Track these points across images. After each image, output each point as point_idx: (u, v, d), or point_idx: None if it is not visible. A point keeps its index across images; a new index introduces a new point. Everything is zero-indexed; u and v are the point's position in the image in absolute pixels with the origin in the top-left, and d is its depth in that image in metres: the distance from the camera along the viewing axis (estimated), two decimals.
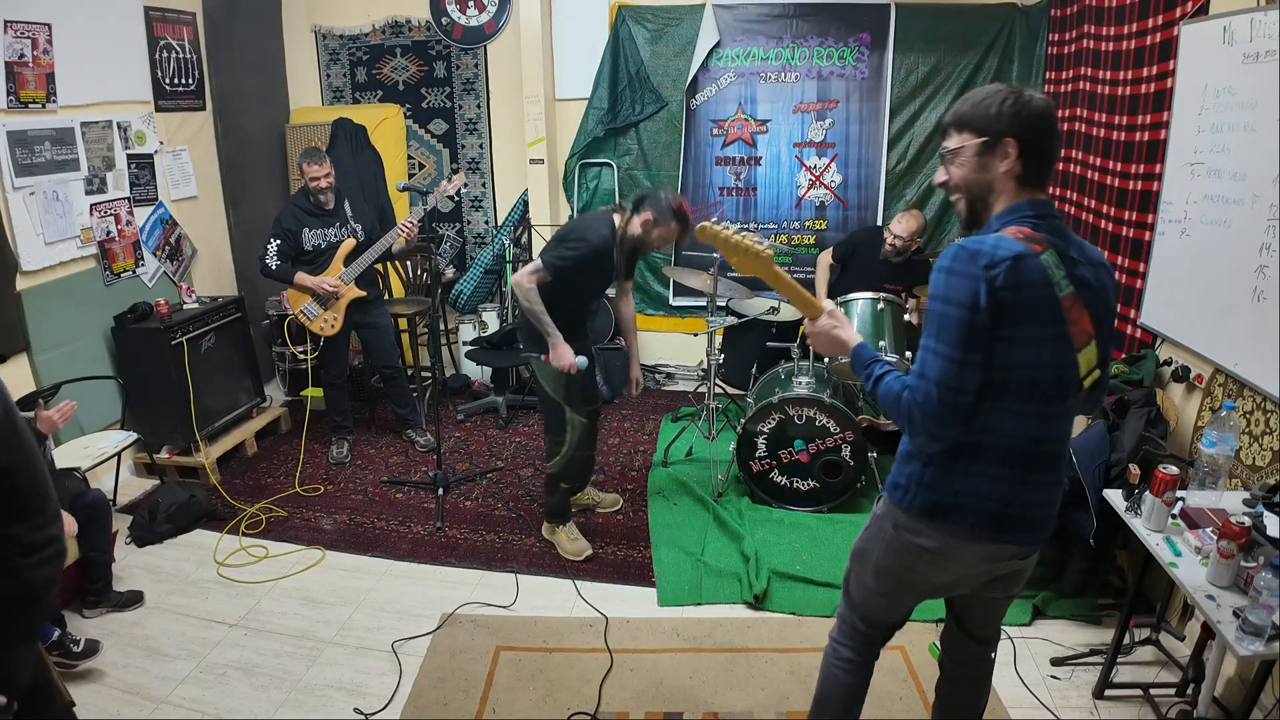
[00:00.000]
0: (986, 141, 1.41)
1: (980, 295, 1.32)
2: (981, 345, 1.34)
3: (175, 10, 4.09)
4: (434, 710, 2.33)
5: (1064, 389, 1.42)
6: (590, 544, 3.15)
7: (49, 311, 3.39)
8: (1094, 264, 1.45)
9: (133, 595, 2.83)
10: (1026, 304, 1.34)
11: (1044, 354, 1.38)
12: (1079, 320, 1.39)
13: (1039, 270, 1.35)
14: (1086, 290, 1.40)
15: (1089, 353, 1.42)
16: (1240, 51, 2.37)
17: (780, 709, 2.33)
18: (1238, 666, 2.15)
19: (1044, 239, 1.38)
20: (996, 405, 1.40)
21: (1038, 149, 1.40)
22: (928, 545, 1.52)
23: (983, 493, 1.46)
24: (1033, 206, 1.42)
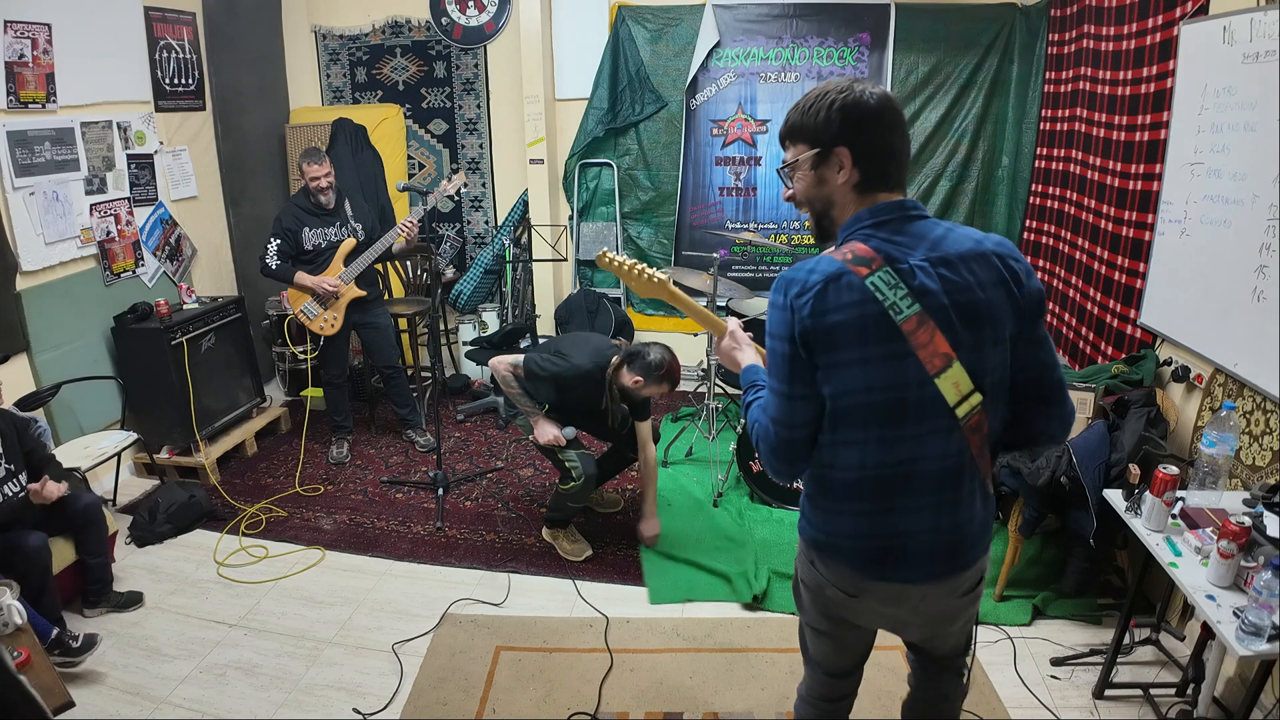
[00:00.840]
0: (819, 153, 1.30)
1: (792, 327, 1.26)
2: (804, 378, 1.27)
3: (175, 10, 4.09)
4: (434, 710, 2.33)
5: (915, 413, 1.27)
6: (590, 545, 3.15)
7: (49, 311, 3.39)
8: (962, 259, 1.26)
9: (132, 596, 2.83)
10: (840, 327, 1.23)
11: (873, 376, 1.25)
12: (929, 342, 1.23)
13: (855, 290, 1.23)
14: (936, 300, 1.23)
15: (952, 376, 1.24)
16: (1240, 51, 2.37)
17: (780, 709, 2.33)
18: (1238, 666, 2.15)
19: (877, 252, 1.25)
20: (833, 438, 1.31)
21: (875, 151, 1.28)
22: (829, 578, 1.42)
23: (847, 531, 1.37)
24: (872, 214, 1.29)
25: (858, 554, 1.37)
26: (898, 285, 1.23)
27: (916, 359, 1.24)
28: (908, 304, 1.23)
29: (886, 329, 1.23)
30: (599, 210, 5.04)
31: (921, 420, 1.27)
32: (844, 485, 1.34)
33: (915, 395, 1.26)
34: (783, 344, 1.28)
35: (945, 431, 1.28)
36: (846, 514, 1.36)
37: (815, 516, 1.42)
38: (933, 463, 1.30)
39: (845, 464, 1.32)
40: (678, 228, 4.93)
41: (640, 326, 5.12)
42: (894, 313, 1.22)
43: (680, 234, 4.95)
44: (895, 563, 1.35)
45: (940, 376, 1.24)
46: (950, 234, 1.29)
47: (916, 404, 1.26)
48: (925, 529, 1.33)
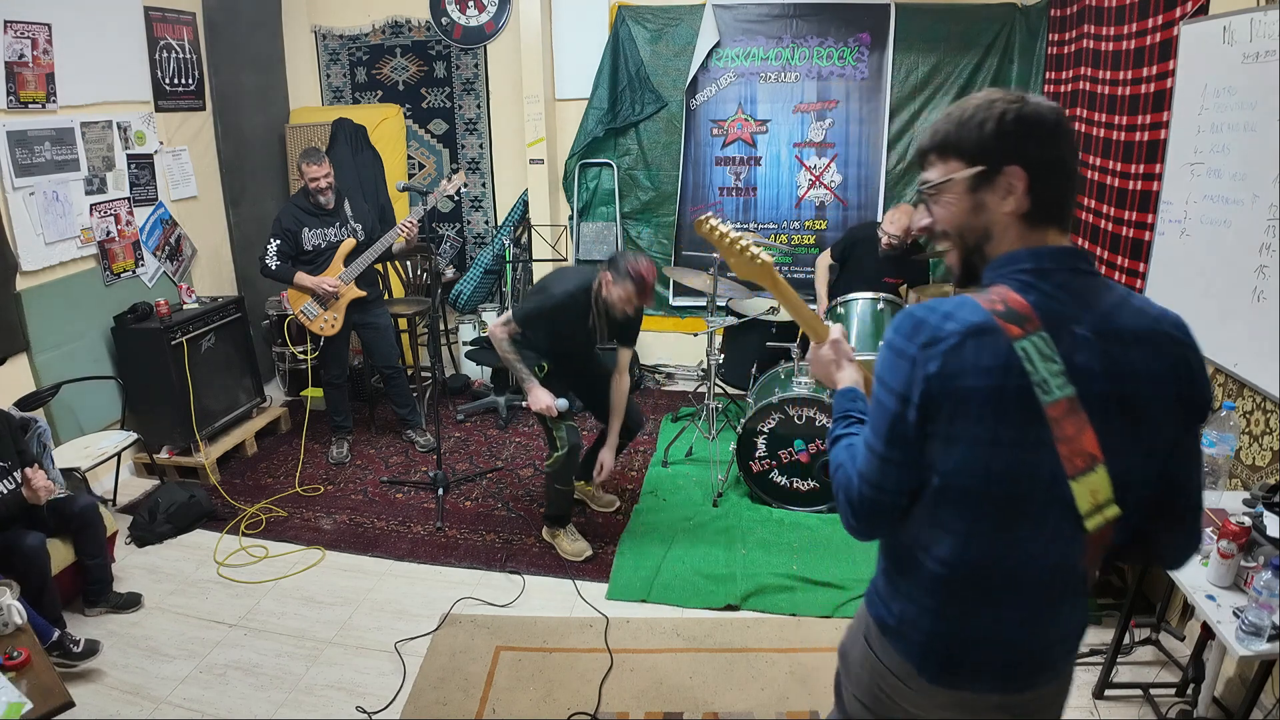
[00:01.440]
0: (982, 172, 1.04)
1: (911, 384, 1.02)
2: (907, 444, 1.05)
3: (175, 10, 4.09)
4: (434, 710, 2.33)
5: (1036, 516, 1.04)
6: (590, 544, 3.15)
7: (49, 311, 3.39)
8: (1136, 339, 1.01)
9: (131, 597, 2.83)
10: (972, 396, 1.00)
11: (997, 463, 1.02)
12: (1075, 436, 0.99)
13: (1001, 355, 0.99)
14: (1096, 387, 1.00)
15: (1092, 482, 1.00)
16: (1240, 51, 2.37)
17: (780, 709, 2.32)
18: (1238, 666, 2.15)
19: (1035, 309, 1.00)
20: (931, 517, 1.09)
21: (1053, 175, 1.03)
22: (890, 665, 1.19)
23: (923, 625, 1.14)
24: (1034, 257, 1.04)
25: (928, 655, 1.15)
26: (1053, 358, 0.99)
27: (1055, 453, 1.00)
28: (1060, 384, 0.99)
29: (1028, 409, 0.99)
30: (599, 210, 5.04)
31: (1041, 525, 1.04)
32: (931, 576, 1.11)
33: (1042, 496, 1.02)
34: (892, 399, 1.05)
35: (1065, 540, 1.05)
36: (926, 609, 1.14)
37: (889, 595, 1.20)
38: (1041, 574, 1.08)
39: (938, 553, 1.10)
40: (678, 228, 4.93)
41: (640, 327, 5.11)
42: (1041, 391, 0.98)
43: (680, 234, 4.95)
44: (967, 674, 1.14)
45: (1078, 479, 1.00)
46: (1125, 304, 1.04)
47: (1040, 505, 1.03)
48: (1007, 641, 1.12)
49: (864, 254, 3.98)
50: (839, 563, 3.01)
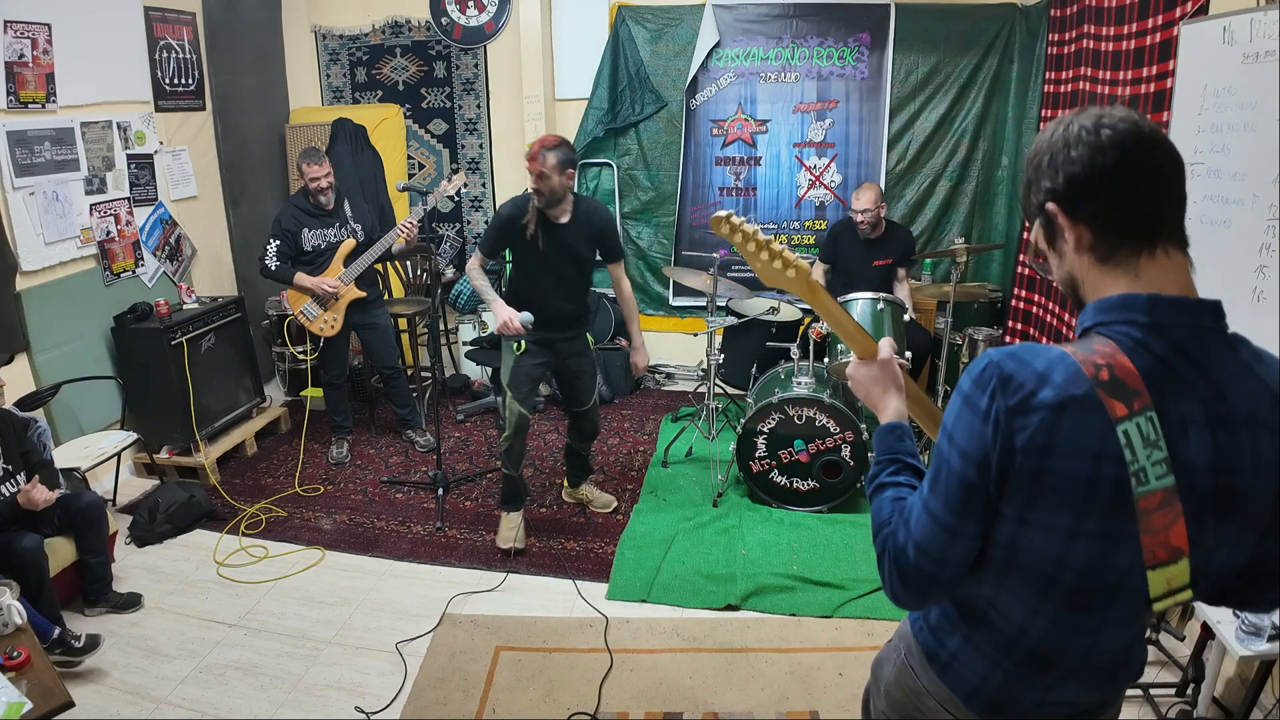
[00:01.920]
0: (1041, 224, 0.96)
1: (991, 451, 0.89)
2: (979, 516, 0.94)
3: (175, 10, 4.09)
4: (434, 710, 2.33)
5: (1107, 602, 0.95)
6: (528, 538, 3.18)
7: (49, 311, 3.39)
8: (1250, 424, 0.88)
9: (131, 597, 2.83)
10: (1056, 477, 0.87)
11: (1075, 554, 0.91)
12: (1163, 529, 0.87)
13: (1100, 437, 0.85)
14: (1196, 480, 0.87)
15: (1171, 572, 0.89)
16: (1240, 51, 2.37)
17: (780, 709, 2.33)
18: (1238, 666, 2.15)
19: (1147, 379, 0.86)
20: (999, 584, 0.99)
21: (1109, 201, 0.90)
22: (931, 690, 1.13)
23: (977, 669, 1.07)
24: (1151, 307, 0.88)
25: (977, 691, 1.08)
26: (1157, 444, 0.86)
27: (1138, 544, 0.88)
28: (1159, 473, 0.86)
29: (1119, 503, 0.87)
30: None
31: (1110, 609, 0.96)
32: (996, 632, 1.03)
33: (1114, 582, 0.92)
34: (967, 465, 0.92)
35: (1132, 622, 0.99)
36: (981, 654, 1.05)
37: (943, 629, 1.11)
38: (1105, 656, 1.01)
39: (1005, 615, 1.01)
40: (678, 228, 4.94)
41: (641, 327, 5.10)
42: (1137, 481, 0.86)
43: (680, 234, 4.95)
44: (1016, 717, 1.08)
45: (1157, 569, 0.89)
46: (1246, 376, 0.90)
47: (1112, 591, 0.93)
48: (1064, 703, 1.06)
49: (848, 246, 4.02)
50: (839, 563, 3.01)
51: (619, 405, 4.70)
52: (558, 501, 3.57)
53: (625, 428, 4.39)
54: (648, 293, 5.12)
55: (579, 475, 3.49)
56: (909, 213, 4.68)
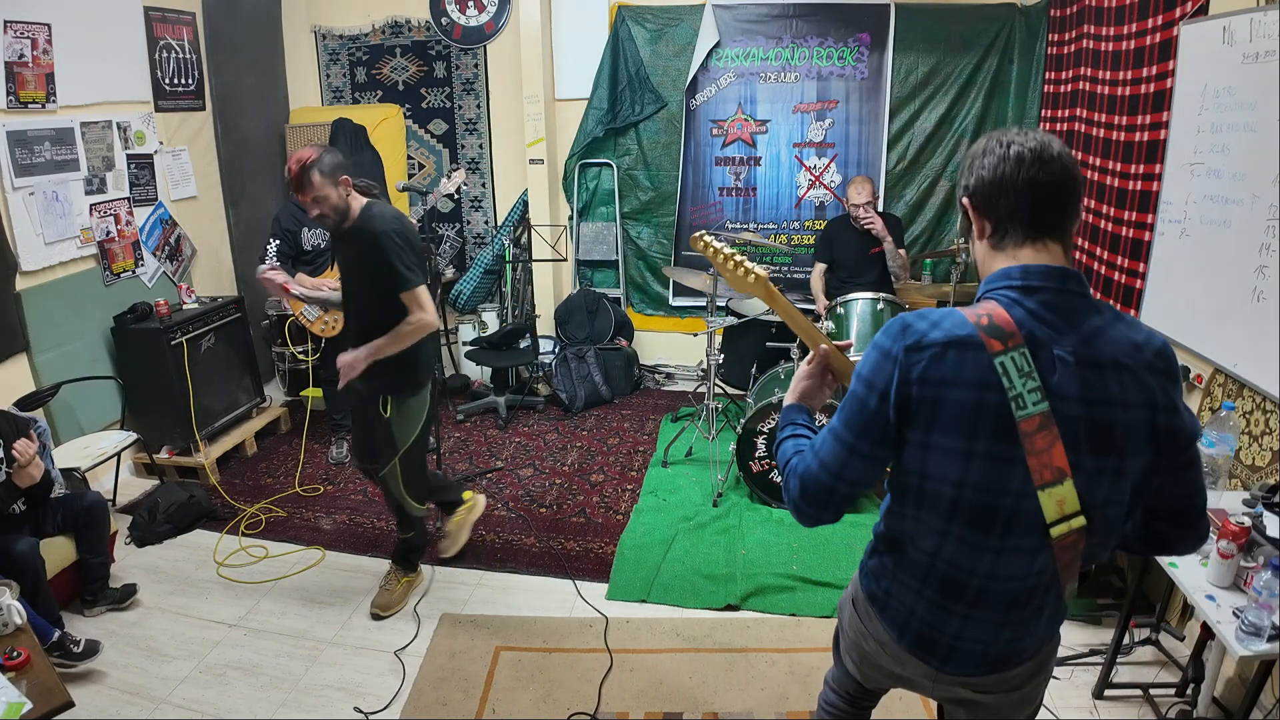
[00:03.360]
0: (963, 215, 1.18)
1: (891, 382, 1.09)
2: (878, 439, 1.12)
3: (175, 10, 4.09)
4: (434, 710, 2.33)
5: (1005, 524, 1.10)
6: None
7: (49, 311, 3.39)
8: (1115, 366, 1.06)
9: (127, 590, 2.83)
10: (947, 404, 1.06)
11: (971, 474, 1.08)
12: (1045, 449, 1.04)
13: (980, 368, 1.04)
14: (1069, 408, 1.05)
15: (1060, 493, 1.06)
16: (1240, 52, 2.37)
17: (780, 709, 2.32)
18: (1237, 667, 2.15)
19: (1020, 325, 1.06)
20: (915, 514, 1.17)
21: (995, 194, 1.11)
22: (872, 632, 1.32)
23: (905, 603, 1.25)
24: (1025, 274, 1.09)
25: (907, 626, 1.26)
26: (1030, 374, 1.04)
27: (1025, 466, 1.06)
28: (1035, 399, 1.04)
29: (1002, 426, 1.05)
30: (599, 210, 5.04)
31: (1009, 534, 1.11)
32: (914, 563, 1.21)
33: (1011, 505, 1.09)
34: (871, 395, 1.11)
35: (1032, 551, 1.12)
36: (910, 589, 1.24)
37: (878, 571, 1.30)
38: (1011, 583, 1.15)
39: (921, 544, 1.19)
40: (677, 228, 4.93)
41: (640, 327, 5.12)
42: (1016, 406, 1.04)
43: (680, 234, 4.94)
44: (941, 655, 1.24)
45: (1045, 490, 1.06)
46: (1109, 329, 1.08)
47: (1009, 514, 1.09)
48: (980, 639, 1.20)
49: (844, 241, 4.04)
50: (839, 563, 3.01)
51: (619, 405, 4.70)
52: (558, 501, 3.58)
53: (625, 428, 4.39)
54: (647, 293, 5.12)
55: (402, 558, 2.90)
56: (909, 213, 4.68)
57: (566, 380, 4.62)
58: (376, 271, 2.43)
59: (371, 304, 2.51)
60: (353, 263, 2.53)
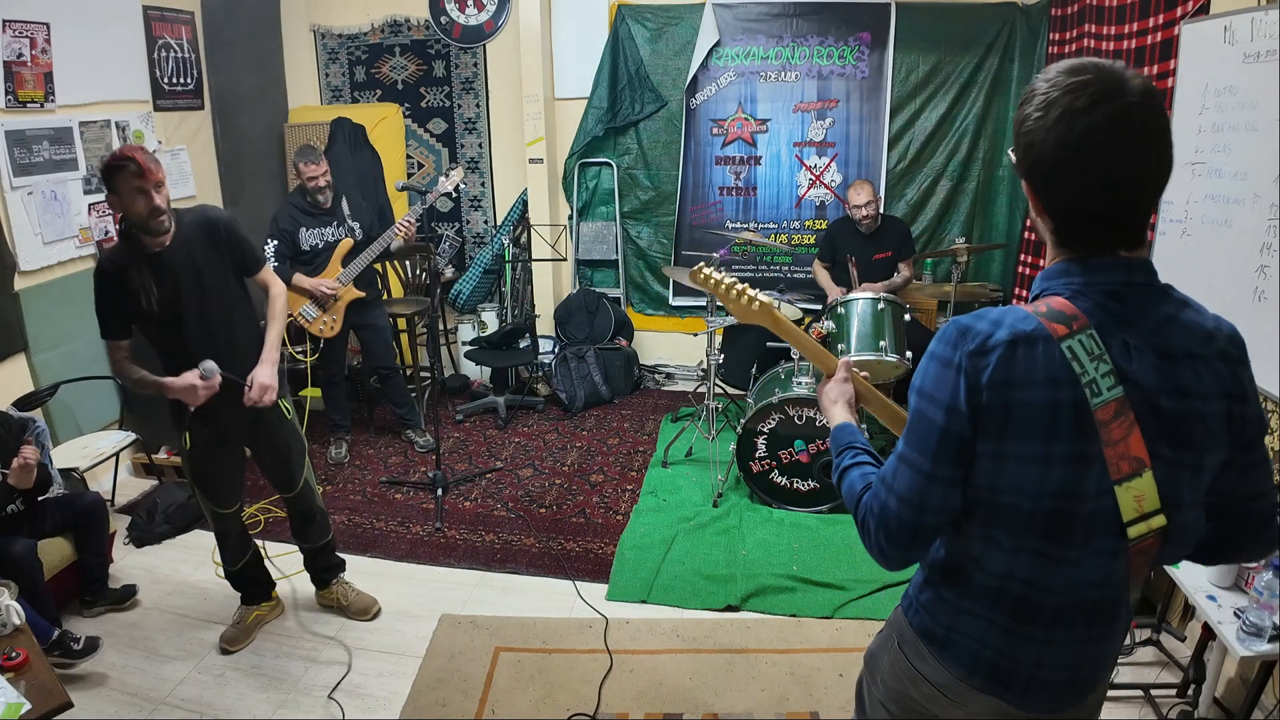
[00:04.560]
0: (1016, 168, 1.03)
1: (960, 393, 0.98)
2: (956, 459, 1.00)
3: (174, 9, 4.08)
4: (433, 711, 2.32)
5: (1084, 530, 1.00)
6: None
7: (47, 311, 3.39)
8: (1188, 357, 0.98)
9: (126, 590, 2.83)
10: (1019, 408, 0.96)
11: (1046, 480, 0.98)
12: (1122, 439, 0.96)
13: (1051, 362, 0.95)
14: (1146, 394, 0.96)
15: (1138, 487, 0.97)
16: (1241, 51, 2.36)
17: (780, 710, 2.32)
18: (1238, 667, 2.14)
19: (1086, 312, 0.97)
20: (984, 533, 1.05)
21: (1057, 180, 0.96)
22: (926, 674, 1.17)
23: (973, 634, 1.11)
24: (1085, 270, 0.99)
25: (979, 661, 1.11)
26: (1102, 357, 0.95)
27: (1103, 461, 0.96)
28: (1109, 384, 0.95)
29: (1080, 421, 0.96)
30: (598, 210, 5.04)
31: (1088, 540, 1.01)
32: (984, 588, 1.09)
33: (1089, 507, 0.99)
34: (940, 413, 1.00)
35: (1110, 555, 1.02)
36: (979, 617, 1.10)
37: (935, 605, 1.16)
38: (1090, 592, 1.05)
39: (990, 569, 1.07)
40: (677, 227, 4.93)
41: (640, 327, 5.12)
42: (1091, 392, 0.95)
43: (680, 234, 4.94)
44: (1018, 688, 1.10)
45: (1123, 484, 0.97)
46: (1179, 316, 1.00)
47: (1088, 518, 0.99)
48: (1064, 665, 1.09)
49: (847, 243, 4.03)
50: (839, 563, 3.00)
51: (619, 405, 4.70)
52: (557, 502, 3.57)
53: (625, 428, 4.38)
54: (647, 292, 5.12)
55: (323, 574, 2.78)
56: (910, 212, 4.67)
57: (566, 380, 4.62)
58: (227, 262, 2.32)
59: (231, 303, 2.35)
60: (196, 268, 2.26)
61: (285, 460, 2.53)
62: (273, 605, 2.77)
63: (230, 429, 2.41)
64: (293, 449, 2.53)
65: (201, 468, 2.43)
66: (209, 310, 2.30)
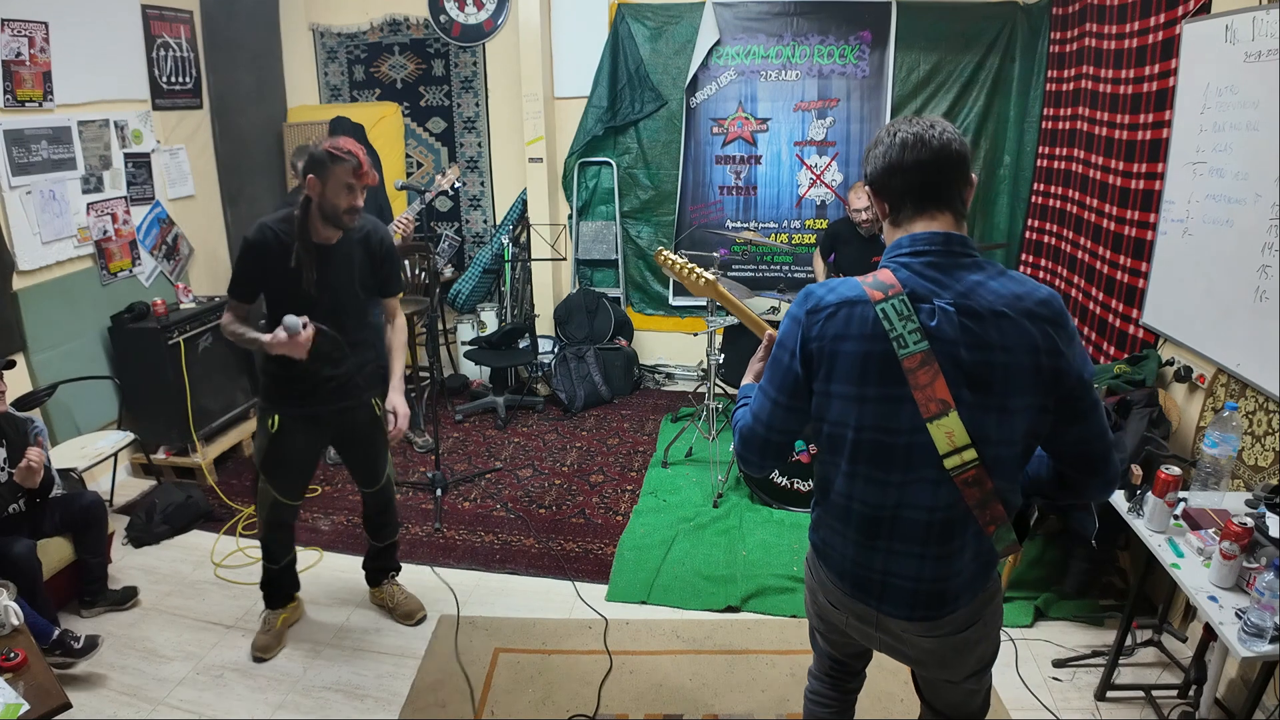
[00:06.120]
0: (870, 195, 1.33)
1: (797, 342, 1.26)
2: (793, 391, 1.29)
3: (173, 9, 4.07)
4: (432, 712, 2.32)
5: (904, 459, 1.24)
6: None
7: (46, 311, 3.38)
8: (992, 314, 1.17)
9: (127, 592, 2.82)
10: (841, 356, 1.22)
11: (865, 416, 1.24)
12: (928, 384, 1.18)
13: (865, 320, 1.20)
14: (948, 348, 1.18)
15: (947, 424, 1.18)
16: (1242, 50, 2.36)
17: (780, 710, 2.32)
18: (1240, 668, 2.14)
19: (904, 284, 1.20)
20: (827, 459, 1.33)
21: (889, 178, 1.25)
22: (820, 582, 1.45)
23: (837, 546, 1.38)
24: (912, 241, 1.24)
25: (843, 570, 1.38)
26: (910, 317, 1.18)
27: (913, 402, 1.19)
28: (915, 339, 1.18)
29: (888, 369, 1.20)
30: (598, 209, 5.03)
31: (909, 468, 1.24)
32: (837, 507, 1.35)
33: (905, 441, 1.23)
34: (785, 355, 1.29)
35: (933, 483, 1.24)
36: (838, 532, 1.37)
37: (818, 522, 1.44)
38: (919, 512, 1.27)
39: (837, 489, 1.33)
40: (677, 227, 4.92)
41: (640, 326, 5.11)
42: (898, 345, 1.18)
43: (680, 233, 4.93)
44: (875, 594, 1.35)
45: (933, 422, 1.19)
46: (986, 284, 1.20)
47: (905, 450, 1.23)
48: (907, 575, 1.31)
49: (848, 245, 4.02)
50: None
51: (619, 405, 4.69)
52: (557, 502, 3.56)
53: (625, 428, 4.38)
54: (647, 292, 5.11)
55: (380, 573, 2.81)
56: None
57: (566, 380, 4.61)
58: (373, 276, 2.40)
59: (357, 311, 2.39)
60: (351, 271, 2.33)
61: (373, 456, 2.58)
62: (295, 605, 2.75)
63: (320, 416, 2.42)
64: (380, 445, 2.58)
65: (280, 453, 2.42)
66: (344, 314, 2.35)
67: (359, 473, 2.64)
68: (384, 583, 2.82)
